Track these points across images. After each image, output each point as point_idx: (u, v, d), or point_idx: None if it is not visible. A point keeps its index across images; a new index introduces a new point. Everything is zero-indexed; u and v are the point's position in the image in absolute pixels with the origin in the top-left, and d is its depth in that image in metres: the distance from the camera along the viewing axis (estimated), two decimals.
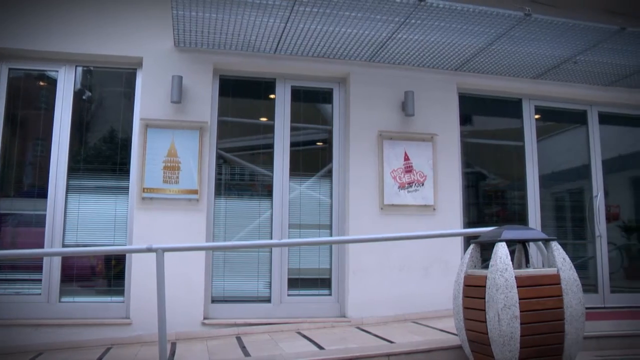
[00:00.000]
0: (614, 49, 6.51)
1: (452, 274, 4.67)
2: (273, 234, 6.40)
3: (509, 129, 7.78)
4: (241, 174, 6.60)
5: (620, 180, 8.55)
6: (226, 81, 6.59)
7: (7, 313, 5.66)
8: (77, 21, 6.11)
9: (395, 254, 6.46)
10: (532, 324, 3.99)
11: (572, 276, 4.20)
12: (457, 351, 4.66)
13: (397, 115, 6.74)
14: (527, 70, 7.11)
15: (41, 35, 6.02)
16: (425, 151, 6.74)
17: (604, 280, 7.51)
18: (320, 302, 6.44)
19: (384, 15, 5.57)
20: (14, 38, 5.98)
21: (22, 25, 6.00)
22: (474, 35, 6.06)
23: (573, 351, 4.17)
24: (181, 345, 5.42)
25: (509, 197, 7.72)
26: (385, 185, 6.54)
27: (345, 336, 5.49)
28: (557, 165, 8.11)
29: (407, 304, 6.39)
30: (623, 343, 5.21)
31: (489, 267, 4.08)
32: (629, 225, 8.32)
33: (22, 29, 6.00)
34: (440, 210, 6.71)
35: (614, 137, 8.19)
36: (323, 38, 6.05)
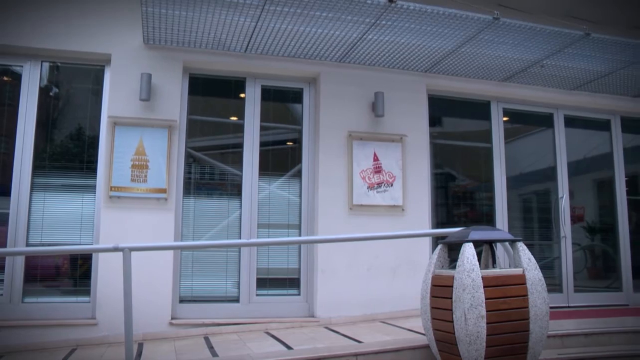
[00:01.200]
0: (579, 54, 6.64)
1: (421, 274, 4.71)
2: (242, 233, 6.37)
3: (477, 131, 7.87)
4: (210, 173, 6.55)
5: (584, 182, 8.71)
6: (196, 79, 6.54)
7: None
8: (44, 16, 5.99)
9: (363, 254, 6.48)
10: (498, 324, 4.04)
11: (537, 276, 4.26)
12: (425, 351, 4.69)
13: (367, 115, 6.77)
14: (495, 73, 7.21)
15: (5, 29, 5.89)
16: (395, 152, 6.78)
17: (568, 280, 7.65)
18: (288, 302, 6.44)
19: (354, 16, 5.58)
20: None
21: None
22: (443, 38, 6.12)
23: (537, 349, 4.23)
24: (148, 345, 5.36)
25: (478, 198, 7.81)
26: (355, 185, 6.56)
27: (314, 336, 5.48)
28: (525, 167, 8.23)
29: (375, 304, 6.42)
30: (585, 341, 5.31)
31: (456, 268, 4.12)
32: (592, 226, 8.49)
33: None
34: (409, 210, 6.76)
35: (578, 140, 8.34)
36: (294, 38, 6.04)
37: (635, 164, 8.76)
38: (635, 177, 8.86)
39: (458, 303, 4.01)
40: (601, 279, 8.46)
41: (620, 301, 7.95)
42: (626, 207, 8.32)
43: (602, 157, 8.50)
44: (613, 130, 8.44)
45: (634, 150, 8.71)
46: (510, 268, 4.35)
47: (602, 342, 5.36)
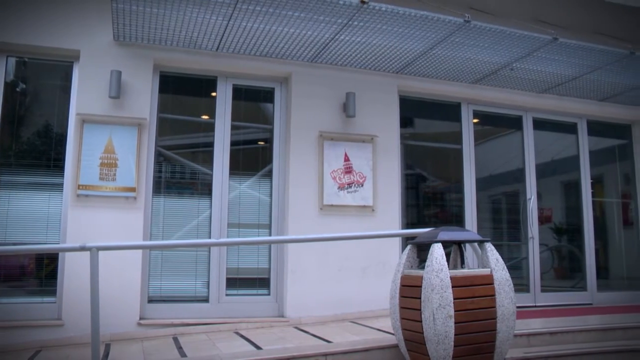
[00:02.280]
0: (547, 58, 6.75)
1: (390, 275, 4.73)
2: (212, 233, 6.33)
3: (448, 132, 7.94)
4: (181, 172, 6.50)
5: (552, 184, 8.86)
6: (167, 77, 6.47)
7: None
8: (11, 10, 5.86)
9: (334, 254, 6.49)
10: (465, 323, 4.09)
11: (504, 276, 4.31)
12: (394, 350, 4.71)
13: (338, 116, 6.78)
14: (466, 75, 7.28)
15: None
16: (366, 152, 6.80)
17: (535, 280, 7.77)
18: (258, 302, 6.42)
19: (326, 16, 5.59)
20: None
21: None
22: (415, 39, 6.16)
23: (504, 348, 4.29)
24: (116, 346, 5.29)
25: (448, 199, 7.89)
26: (325, 185, 6.57)
27: (284, 336, 5.48)
28: (494, 168, 8.34)
29: (345, 304, 6.44)
30: (551, 339, 5.40)
31: (425, 268, 4.16)
32: (559, 227, 8.64)
33: None
34: (379, 211, 6.79)
35: (547, 143, 8.48)
36: (266, 37, 6.02)
37: (601, 167, 8.95)
38: (601, 179, 9.05)
39: (427, 303, 4.04)
40: (567, 279, 8.61)
41: (585, 300, 8.10)
42: (591, 208, 8.48)
43: (569, 160, 8.65)
44: (579, 133, 8.60)
45: (599, 153, 8.89)
46: (479, 268, 4.40)
47: (566, 340, 5.45)
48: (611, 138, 9.09)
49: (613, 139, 9.11)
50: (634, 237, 8.90)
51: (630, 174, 9.04)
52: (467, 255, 4.78)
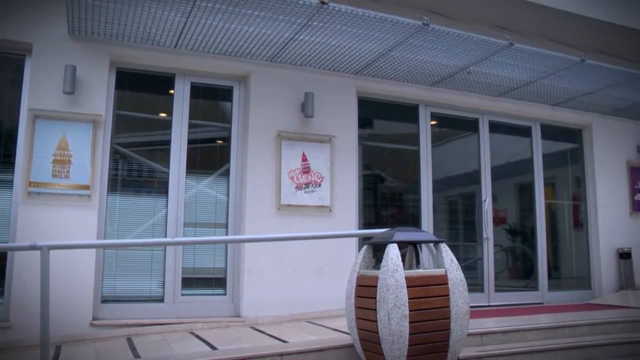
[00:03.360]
0: (503, 63, 6.88)
1: (347, 275, 4.75)
2: (168, 232, 6.25)
3: (406, 134, 8.02)
4: (137, 170, 6.40)
5: (507, 186, 9.04)
6: (124, 74, 6.36)
7: None
8: None
9: (290, 254, 6.48)
10: (420, 323, 4.13)
11: (458, 276, 4.37)
12: (349, 350, 4.73)
13: (297, 116, 6.78)
14: (424, 77, 7.36)
15: None
16: (323, 152, 6.82)
17: (489, 280, 7.91)
18: (214, 301, 6.37)
19: (286, 16, 5.58)
20: None
21: None
22: (374, 41, 6.20)
23: (457, 347, 4.35)
24: (67, 348, 5.17)
25: (406, 200, 7.96)
26: (283, 185, 6.56)
27: (240, 336, 5.45)
28: (451, 170, 8.45)
29: (301, 304, 6.44)
30: (503, 338, 5.50)
31: (380, 268, 4.19)
32: (514, 228, 8.82)
33: None
34: (336, 211, 6.81)
35: (502, 145, 8.64)
36: (225, 35, 5.97)
37: (553, 170, 9.17)
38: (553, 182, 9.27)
39: (382, 303, 4.07)
40: (520, 278, 8.80)
41: (537, 300, 8.30)
42: (544, 210, 8.68)
43: (523, 162, 8.84)
44: (534, 136, 8.80)
45: (552, 156, 9.12)
46: (433, 269, 4.45)
47: (518, 339, 5.56)
48: (563, 142, 9.33)
49: (565, 142, 9.35)
50: (583, 238, 9.16)
51: (581, 177, 9.30)
52: (422, 256, 4.83)
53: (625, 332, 6.22)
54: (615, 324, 6.24)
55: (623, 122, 9.50)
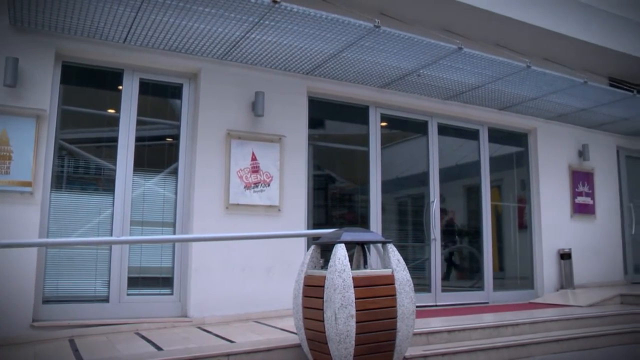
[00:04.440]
0: (452, 67, 7.01)
1: (295, 275, 4.75)
2: (114, 230, 6.12)
3: (356, 135, 8.07)
4: (83, 167, 6.24)
5: (455, 188, 9.20)
6: (70, 68, 6.18)
7: None
8: None
9: (238, 254, 6.44)
10: (367, 322, 4.17)
11: (405, 277, 4.43)
12: (297, 350, 4.74)
13: (247, 115, 6.73)
14: (374, 79, 7.43)
15: None
16: (273, 152, 6.80)
17: (436, 281, 8.03)
18: (161, 301, 6.27)
19: (238, 14, 5.54)
20: None
21: None
22: (325, 42, 6.22)
23: (404, 346, 4.41)
24: (4, 351, 4.98)
25: (356, 200, 8.01)
26: (232, 184, 6.51)
27: (186, 336, 5.39)
28: (401, 171, 8.55)
29: (250, 304, 6.41)
30: (448, 337, 5.61)
31: (328, 268, 4.20)
32: (461, 229, 8.99)
33: None
34: (285, 211, 6.80)
35: (451, 148, 8.80)
36: (175, 32, 5.89)
37: (500, 172, 9.40)
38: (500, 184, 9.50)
39: (329, 303, 4.09)
40: (467, 279, 8.97)
41: (482, 299, 8.48)
42: (490, 212, 8.88)
43: (471, 165, 9.02)
44: (481, 139, 8.99)
45: (498, 159, 9.33)
46: (381, 269, 4.49)
47: (463, 337, 5.69)
48: (510, 145, 9.57)
49: (511, 146, 9.59)
50: (527, 240, 9.41)
51: (526, 180, 9.55)
52: (370, 256, 4.86)
53: (564, 329, 6.46)
54: (555, 321, 6.46)
55: (566, 127, 9.83)
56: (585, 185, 9.99)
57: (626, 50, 9.61)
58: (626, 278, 10.43)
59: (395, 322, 4.32)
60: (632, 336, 6.66)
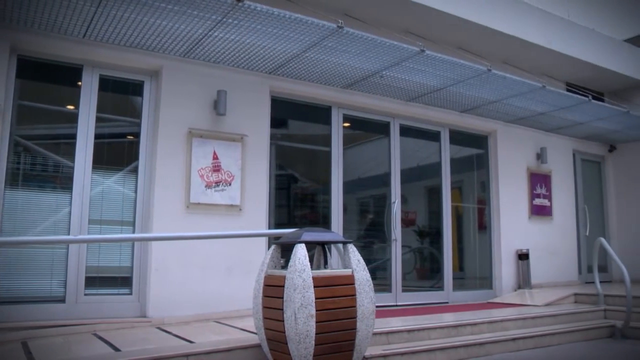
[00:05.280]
0: (415, 69, 7.07)
1: (256, 274, 4.74)
2: (71, 229, 6.00)
3: (319, 135, 8.08)
4: (41, 164, 6.09)
5: (417, 189, 9.30)
6: (26, 62, 6.03)
7: None
8: None
9: (199, 253, 6.39)
10: (326, 322, 4.18)
11: (365, 277, 4.46)
12: (256, 350, 4.73)
13: (209, 113, 6.68)
14: (337, 79, 7.45)
15: None
16: (235, 151, 6.76)
17: (397, 281, 8.10)
18: (119, 301, 6.17)
19: (200, 11, 5.49)
20: None
21: None
22: (289, 41, 6.21)
23: (363, 346, 4.44)
24: None
25: (318, 200, 8.02)
26: (192, 183, 6.45)
27: (145, 337, 5.32)
28: (363, 172, 8.60)
29: (210, 304, 6.36)
30: (408, 337, 5.67)
31: (288, 268, 4.20)
32: (422, 230, 9.08)
33: None
34: (246, 210, 6.77)
35: (413, 149, 8.88)
36: (137, 28, 5.80)
37: (461, 174, 9.53)
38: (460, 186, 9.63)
39: (289, 303, 4.09)
40: (427, 279, 9.07)
41: (442, 299, 8.58)
42: (450, 213, 9.00)
43: (432, 166, 9.13)
44: (442, 141, 9.10)
45: (459, 161, 9.47)
46: (340, 269, 4.51)
47: (422, 337, 5.76)
48: (470, 147, 9.72)
49: (472, 148, 9.74)
50: (486, 240, 9.57)
51: (486, 181, 9.72)
52: (330, 256, 4.88)
53: (521, 328, 6.60)
54: (512, 321, 6.60)
55: (524, 130, 10.04)
56: (542, 188, 10.21)
57: (582, 57, 9.89)
58: (580, 278, 10.71)
59: (355, 322, 4.35)
60: (584, 334, 6.86)
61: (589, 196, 11.49)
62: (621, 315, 7.20)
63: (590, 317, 7.46)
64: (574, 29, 10.01)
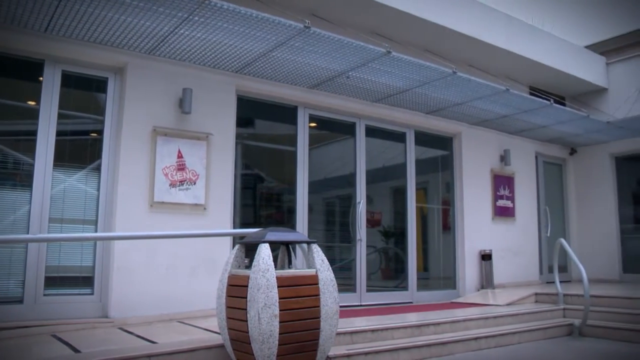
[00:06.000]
0: (381, 70, 7.11)
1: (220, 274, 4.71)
2: (31, 228, 5.86)
3: (285, 135, 8.07)
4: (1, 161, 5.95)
5: (383, 189, 9.36)
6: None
7: None
8: None
9: (163, 253, 6.32)
10: (290, 322, 4.18)
11: (329, 277, 4.47)
12: (220, 350, 4.71)
13: (174, 112, 6.60)
14: (304, 79, 7.45)
15: None
16: (200, 150, 6.71)
17: (361, 281, 8.13)
18: (81, 302, 6.06)
19: (167, 8, 5.43)
20: None
21: None
22: (255, 40, 6.19)
23: (327, 346, 4.45)
24: None
25: (284, 200, 8.01)
26: (157, 182, 6.37)
27: (107, 337, 5.25)
28: (329, 172, 8.62)
29: (174, 304, 6.30)
30: (372, 336, 5.71)
31: (252, 268, 4.19)
32: (387, 230, 9.14)
33: None
34: (211, 209, 6.73)
35: (379, 150, 8.94)
36: (101, 23, 5.69)
37: (426, 175, 9.63)
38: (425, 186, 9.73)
39: (252, 302, 4.08)
40: (392, 279, 9.14)
41: (406, 299, 8.65)
42: (415, 213, 9.08)
43: (398, 167, 9.19)
44: (407, 142, 9.18)
45: (424, 162, 9.56)
46: (304, 269, 4.52)
47: (386, 337, 5.80)
48: (435, 149, 9.82)
49: (437, 149, 9.85)
50: (450, 241, 9.68)
51: (451, 182, 9.83)
52: (294, 256, 4.88)
53: (483, 327, 6.70)
54: (475, 320, 6.69)
55: (489, 133, 10.19)
56: (506, 189, 10.38)
57: (545, 61, 10.11)
58: (541, 278, 10.92)
59: (318, 321, 4.36)
60: (544, 332, 7.00)
61: (551, 198, 11.73)
62: (579, 314, 7.36)
63: (550, 316, 7.62)
64: (538, 34, 10.22)
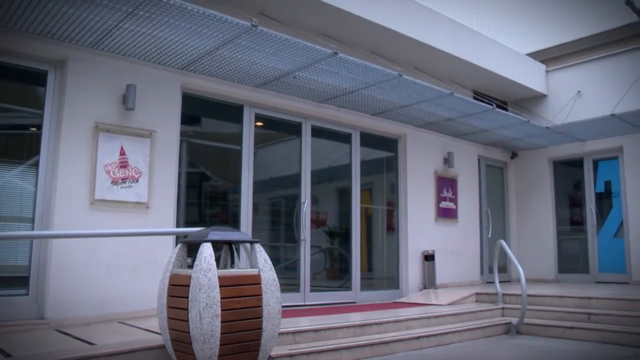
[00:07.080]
0: (327, 70, 7.15)
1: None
2: None
3: (230, 133, 8.02)
4: None
5: (329, 190, 9.41)
6: None
7: None
8: None
9: (103, 252, 6.17)
10: (232, 322, 4.16)
11: (271, 276, 4.46)
12: (160, 351, 4.63)
13: (117, 108, 6.45)
14: (250, 78, 7.42)
15: None
16: (143, 147, 6.58)
17: (305, 280, 8.15)
18: (14, 303, 5.83)
19: (111, 1, 5.31)
20: None
21: None
22: (202, 37, 6.12)
23: (269, 346, 4.44)
24: None
25: (230, 199, 7.95)
26: (98, 179, 6.21)
27: (42, 339, 5.08)
28: (275, 172, 8.60)
29: (114, 304, 6.16)
30: (315, 336, 5.72)
31: (193, 267, 4.15)
32: (332, 230, 9.19)
33: None
34: (154, 208, 6.61)
35: (325, 150, 8.98)
36: (41, 13, 5.49)
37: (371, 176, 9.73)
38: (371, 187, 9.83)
39: (194, 302, 4.03)
40: (337, 279, 9.20)
41: (350, 299, 8.72)
42: (359, 214, 9.16)
43: (343, 168, 9.26)
44: (353, 143, 9.25)
45: (370, 163, 9.67)
46: (247, 269, 4.50)
47: (329, 336, 5.83)
48: (381, 150, 9.94)
49: (382, 151, 9.97)
50: (394, 241, 9.81)
51: (395, 184, 9.96)
52: (237, 256, 4.86)
53: (425, 327, 6.81)
54: (417, 320, 6.80)
55: (433, 135, 10.38)
56: (449, 191, 10.59)
57: (488, 67, 10.37)
58: (482, 278, 11.19)
59: (260, 321, 4.35)
60: (483, 331, 7.18)
61: (492, 200, 12.04)
62: (517, 313, 7.56)
63: (490, 315, 7.81)
64: (482, 40, 10.48)
